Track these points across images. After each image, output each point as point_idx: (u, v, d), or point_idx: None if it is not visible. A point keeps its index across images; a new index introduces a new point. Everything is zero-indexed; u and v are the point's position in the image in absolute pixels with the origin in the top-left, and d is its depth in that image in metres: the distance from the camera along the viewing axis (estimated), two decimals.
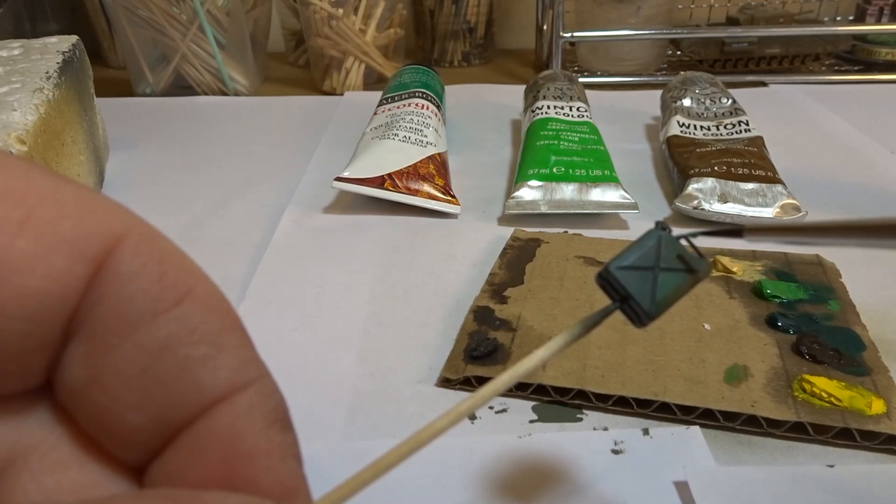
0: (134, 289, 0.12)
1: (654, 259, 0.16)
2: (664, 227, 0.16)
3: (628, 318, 0.16)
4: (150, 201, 0.44)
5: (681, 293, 0.16)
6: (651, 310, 0.16)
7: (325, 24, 0.63)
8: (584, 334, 0.16)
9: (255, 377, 0.13)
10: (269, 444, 0.12)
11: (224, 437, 0.12)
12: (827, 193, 0.43)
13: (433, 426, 0.14)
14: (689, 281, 0.16)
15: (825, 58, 0.68)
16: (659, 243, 0.16)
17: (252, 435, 0.12)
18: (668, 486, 0.23)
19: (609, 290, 0.16)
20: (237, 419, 0.12)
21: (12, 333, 0.11)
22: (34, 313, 0.11)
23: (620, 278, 0.16)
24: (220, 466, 0.12)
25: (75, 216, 0.12)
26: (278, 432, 0.13)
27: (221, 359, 0.12)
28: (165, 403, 0.12)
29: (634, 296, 0.16)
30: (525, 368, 0.15)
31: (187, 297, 0.12)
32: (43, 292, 0.11)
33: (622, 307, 0.16)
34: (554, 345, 0.16)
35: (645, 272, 0.16)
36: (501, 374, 0.15)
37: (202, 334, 0.12)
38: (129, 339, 0.12)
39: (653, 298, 0.16)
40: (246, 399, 0.12)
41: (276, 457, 0.12)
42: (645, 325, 0.16)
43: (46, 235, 0.11)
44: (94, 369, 0.12)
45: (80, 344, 0.12)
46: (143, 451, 0.13)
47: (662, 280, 0.16)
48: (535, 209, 0.39)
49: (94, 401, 0.12)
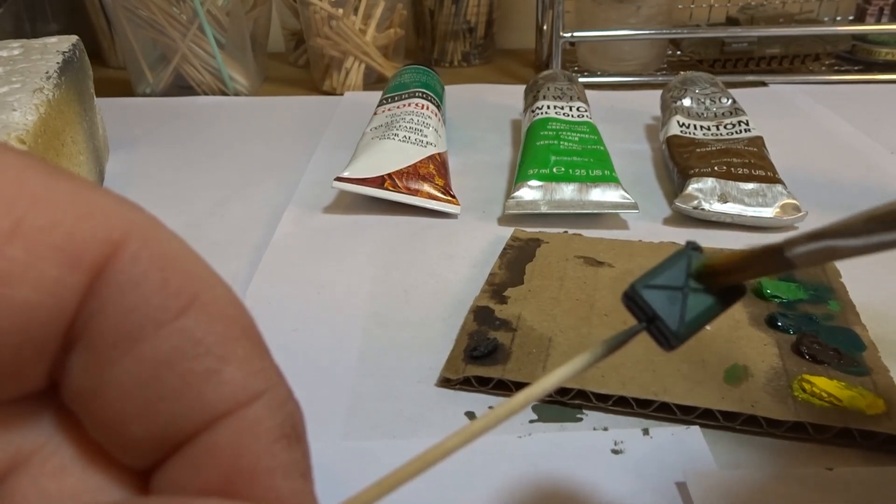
0: (135, 299, 0.11)
1: (683, 279, 0.15)
2: (695, 248, 0.16)
3: (655, 340, 0.15)
4: (150, 201, 0.44)
5: (712, 316, 0.15)
6: (680, 331, 0.15)
7: (325, 24, 0.63)
8: (607, 355, 0.15)
9: (263, 389, 0.12)
10: (272, 462, 0.12)
11: (226, 453, 0.12)
12: (827, 193, 0.43)
13: (443, 446, 0.13)
14: (721, 303, 0.15)
15: (825, 58, 0.68)
16: (689, 262, 0.15)
17: (255, 451, 0.12)
18: (668, 486, 0.23)
19: (635, 310, 0.15)
20: (240, 435, 0.12)
21: (5, 345, 0.11)
22: (26, 325, 0.11)
23: (648, 298, 0.15)
24: (221, 482, 0.12)
25: (70, 221, 0.11)
26: (284, 449, 0.12)
27: (227, 372, 0.12)
28: (167, 417, 0.12)
29: (662, 317, 0.15)
30: (543, 388, 0.14)
31: (192, 305, 0.12)
32: (34, 304, 0.11)
33: (649, 328, 0.15)
34: (575, 364, 0.15)
35: (674, 292, 0.15)
36: (517, 394, 0.14)
37: (207, 346, 0.12)
38: (130, 353, 0.11)
39: (682, 320, 0.15)
40: (251, 414, 0.12)
41: (280, 474, 0.12)
42: (674, 347, 0.15)
43: (38, 244, 0.11)
44: (95, 380, 0.11)
45: (81, 353, 0.11)
46: (146, 459, 0.12)
47: (692, 301, 0.15)
48: (535, 209, 0.39)
49: (96, 409, 0.12)
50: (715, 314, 0.15)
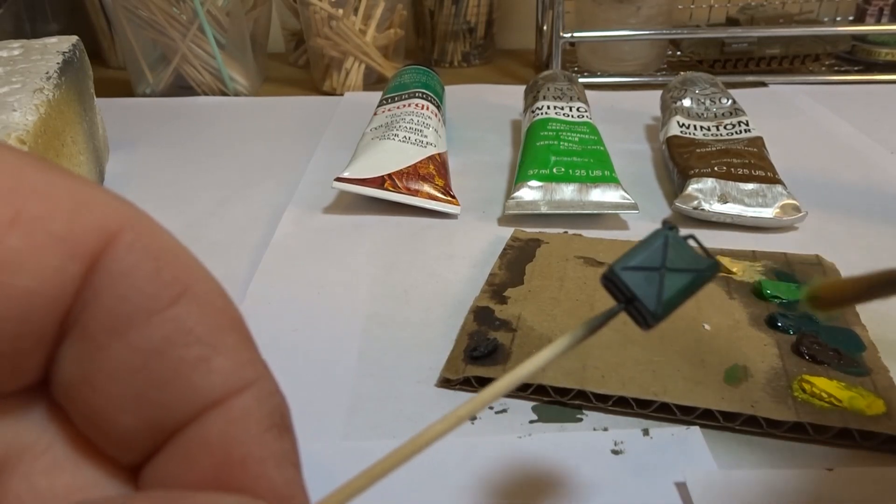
0: (128, 287, 0.11)
1: (660, 259, 0.15)
2: (671, 227, 0.16)
3: (634, 320, 0.16)
4: (150, 201, 0.44)
5: (688, 294, 0.16)
6: (657, 311, 0.15)
7: (325, 25, 0.63)
8: (587, 336, 0.15)
9: (252, 379, 0.12)
10: (263, 451, 0.12)
11: (217, 443, 0.12)
12: (827, 193, 0.43)
13: (432, 429, 0.14)
14: (697, 281, 0.16)
15: (825, 58, 0.68)
16: (666, 243, 0.16)
17: (246, 441, 0.12)
18: (668, 487, 0.23)
19: (614, 291, 0.16)
20: (231, 424, 0.12)
21: (4, 334, 0.11)
22: (26, 313, 0.11)
23: (626, 279, 0.15)
24: (212, 473, 0.12)
25: (68, 212, 0.11)
26: (274, 438, 0.12)
27: (217, 361, 0.12)
28: (158, 406, 0.12)
29: (640, 297, 0.15)
30: (527, 370, 0.15)
31: (184, 295, 0.12)
32: (34, 292, 0.11)
33: (627, 309, 0.16)
34: (557, 347, 0.15)
35: (651, 273, 0.15)
36: (503, 376, 0.15)
37: (198, 335, 0.12)
38: (122, 340, 0.11)
39: (659, 299, 0.15)
40: (241, 403, 0.12)
41: (271, 463, 0.12)
42: (651, 326, 0.15)
43: (38, 233, 0.11)
44: (87, 369, 0.12)
45: (73, 342, 0.12)
46: (137, 452, 0.12)
47: (669, 281, 0.15)
48: (535, 209, 0.39)
49: (87, 400, 0.12)
50: (691, 293, 0.16)
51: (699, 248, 0.16)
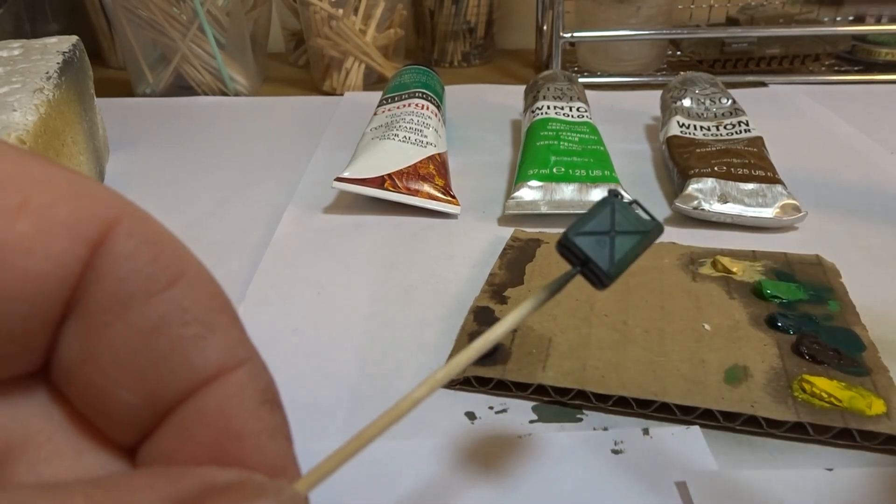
0: (128, 269, 0.12)
1: (609, 224, 0.17)
2: (616, 195, 0.17)
3: (589, 282, 0.17)
4: (150, 201, 0.44)
5: (637, 253, 0.17)
6: (610, 271, 0.17)
7: (325, 25, 0.63)
8: (548, 299, 0.17)
9: (245, 357, 0.13)
10: (258, 424, 0.13)
11: (214, 417, 0.12)
12: (827, 193, 0.43)
13: (412, 396, 0.14)
14: (644, 241, 0.17)
15: (825, 58, 0.68)
16: (613, 209, 0.17)
17: (242, 415, 0.13)
18: (668, 487, 0.23)
19: (569, 257, 0.17)
20: (227, 399, 0.13)
21: (15, 315, 0.11)
22: (36, 295, 0.11)
23: (579, 243, 0.17)
24: (210, 446, 0.12)
25: (72, 200, 0.12)
26: (268, 412, 0.13)
27: (212, 339, 0.13)
28: (157, 382, 0.12)
29: (594, 259, 0.17)
30: (496, 334, 0.16)
31: (180, 278, 0.12)
32: (44, 274, 0.11)
33: (583, 271, 0.17)
34: (522, 310, 0.16)
35: (602, 237, 0.17)
36: (474, 341, 0.16)
37: (194, 315, 0.12)
38: (123, 318, 0.12)
39: (611, 260, 0.17)
40: (236, 379, 0.13)
41: (266, 436, 0.13)
42: (606, 285, 0.17)
43: (45, 219, 0.11)
44: (88, 347, 0.12)
45: (75, 322, 0.12)
46: (136, 431, 0.13)
47: (619, 243, 0.17)
48: (535, 209, 0.39)
49: (88, 379, 0.12)
50: (640, 251, 0.17)
51: (643, 211, 0.17)
